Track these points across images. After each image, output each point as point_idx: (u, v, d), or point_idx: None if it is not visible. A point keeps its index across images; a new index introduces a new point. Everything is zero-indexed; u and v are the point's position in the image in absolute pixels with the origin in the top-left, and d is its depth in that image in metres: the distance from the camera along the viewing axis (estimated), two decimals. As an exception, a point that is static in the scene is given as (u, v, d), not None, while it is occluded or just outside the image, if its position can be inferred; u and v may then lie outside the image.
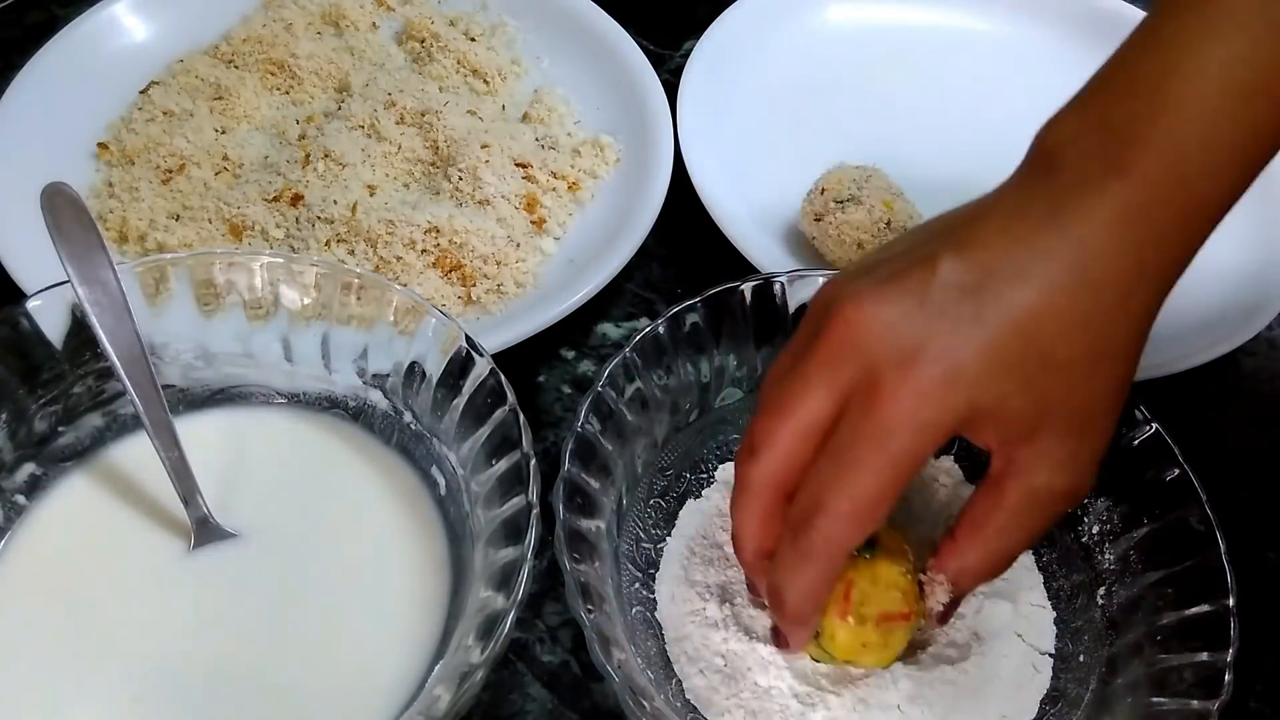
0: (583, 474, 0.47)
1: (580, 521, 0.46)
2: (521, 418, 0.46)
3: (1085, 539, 0.51)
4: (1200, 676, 0.43)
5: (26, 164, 0.63)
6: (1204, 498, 0.47)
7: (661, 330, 0.51)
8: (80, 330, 0.48)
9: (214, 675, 0.45)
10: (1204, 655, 0.44)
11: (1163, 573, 0.47)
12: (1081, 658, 0.49)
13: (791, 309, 0.52)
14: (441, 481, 0.50)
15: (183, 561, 0.48)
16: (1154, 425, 0.49)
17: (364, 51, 0.73)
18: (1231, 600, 0.44)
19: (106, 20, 0.71)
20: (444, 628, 0.47)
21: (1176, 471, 0.48)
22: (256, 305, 0.51)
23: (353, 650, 0.46)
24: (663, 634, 0.49)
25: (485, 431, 0.47)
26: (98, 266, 0.46)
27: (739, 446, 0.44)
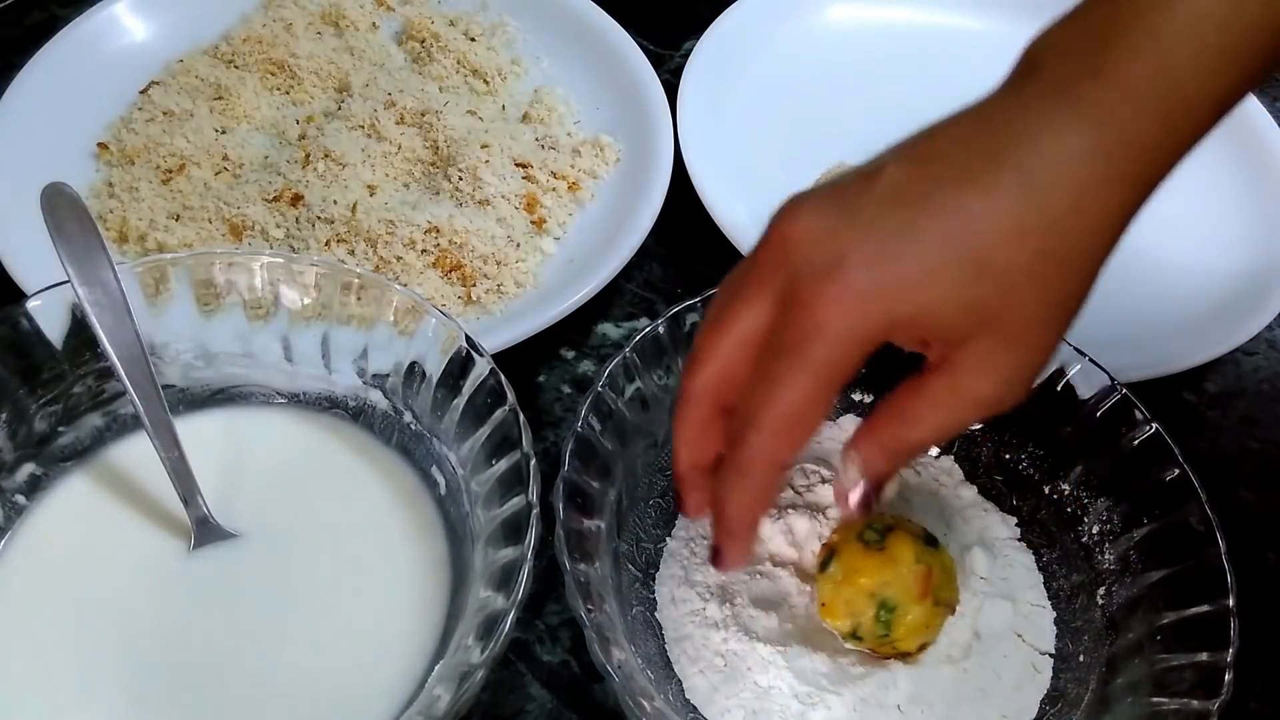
0: (583, 474, 0.47)
1: (580, 521, 0.46)
2: (521, 418, 0.46)
3: (1085, 539, 0.51)
4: (1200, 676, 0.43)
5: (26, 164, 0.63)
6: (1204, 498, 0.47)
7: (661, 330, 0.51)
8: (80, 330, 0.48)
9: (214, 675, 0.45)
10: (1204, 655, 0.44)
11: (1163, 573, 0.47)
12: (1081, 658, 0.49)
13: (791, 309, 0.52)
14: (441, 481, 0.50)
15: (183, 561, 0.48)
16: (1154, 425, 0.49)
17: (364, 51, 0.73)
18: (1231, 600, 0.44)
19: (106, 20, 0.71)
20: (444, 628, 0.47)
21: (1176, 471, 0.48)
22: (256, 305, 0.51)
23: (353, 650, 0.46)
24: (663, 634, 0.49)
25: (485, 431, 0.47)
26: (98, 266, 0.46)
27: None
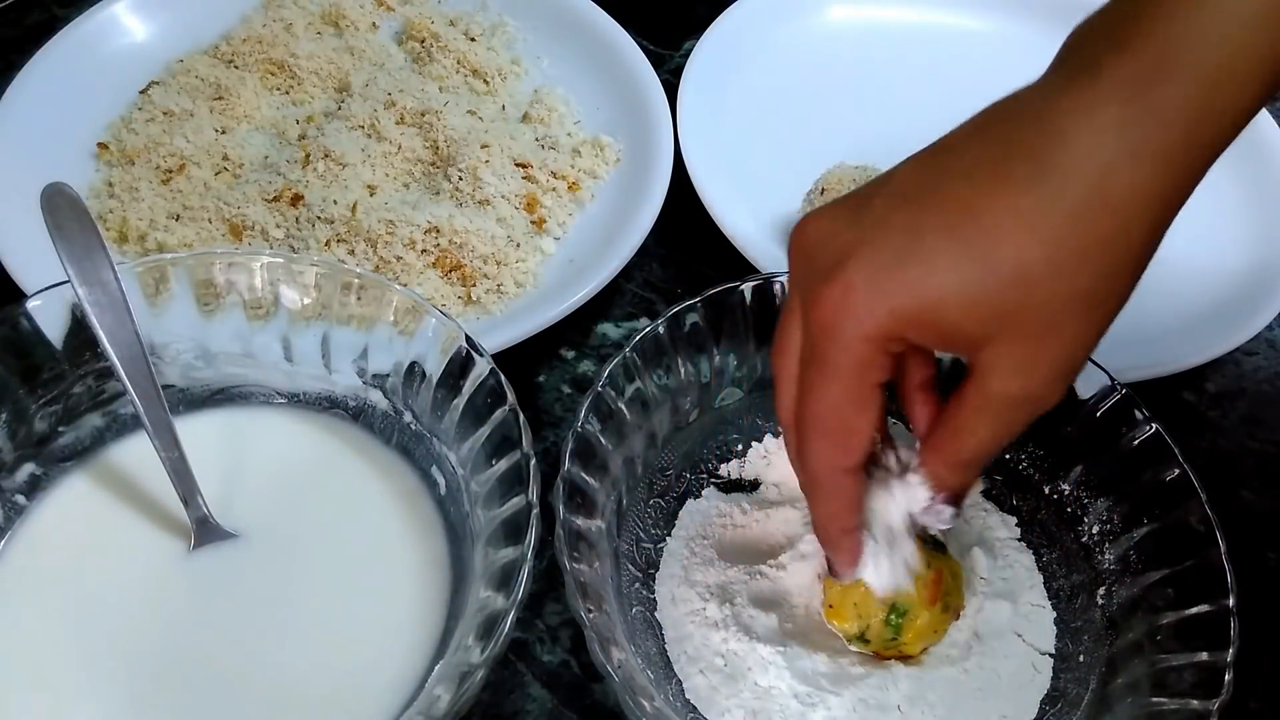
0: (583, 474, 0.47)
1: (580, 521, 0.46)
2: (521, 418, 0.46)
3: (1085, 539, 0.51)
4: (1200, 676, 0.43)
5: (26, 164, 0.63)
6: (1204, 498, 0.47)
7: (661, 330, 0.51)
8: (80, 330, 0.48)
9: (214, 675, 0.45)
10: (1204, 655, 0.44)
11: (1163, 573, 0.47)
12: (1081, 658, 0.49)
13: (791, 309, 0.52)
14: (441, 481, 0.50)
15: (183, 561, 0.48)
16: (1154, 425, 0.49)
17: (364, 51, 0.73)
18: (1231, 600, 0.44)
19: (106, 20, 0.71)
20: (444, 628, 0.47)
21: (1176, 471, 0.48)
22: (256, 305, 0.51)
23: (353, 650, 0.46)
24: (663, 634, 0.49)
25: (485, 431, 0.47)
26: (98, 266, 0.46)
27: None
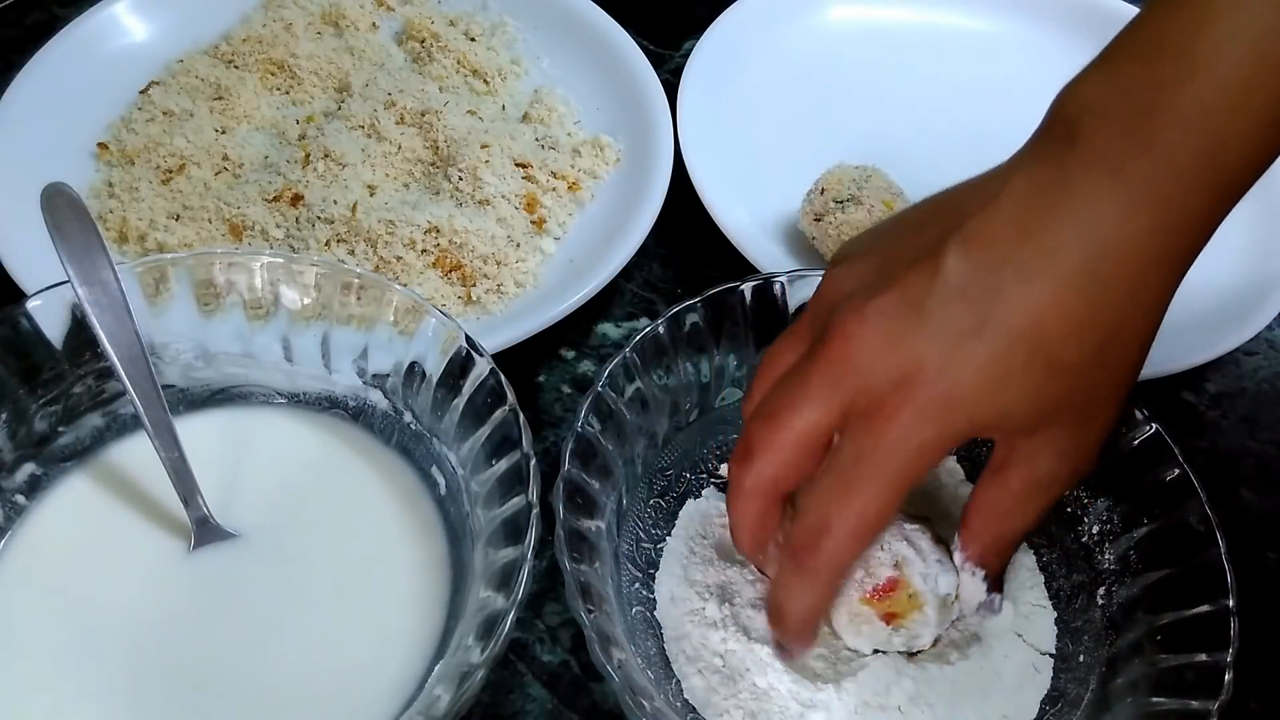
0: (583, 474, 0.47)
1: (580, 521, 0.46)
2: (521, 418, 0.46)
3: (1085, 539, 0.51)
4: (1200, 676, 0.43)
5: (26, 164, 0.63)
6: (1204, 498, 0.47)
7: (661, 330, 0.51)
8: (80, 330, 0.48)
9: (214, 675, 0.45)
10: (1204, 655, 0.44)
11: (1163, 573, 0.47)
12: (1081, 658, 0.49)
13: (791, 309, 0.52)
14: (441, 481, 0.50)
15: (183, 561, 0.48)
16: (1154, 425, 0.49)
17: (364, 51, 0.73)
18: (1231, 600, 0.44)
19: (106, 20, 0.71)
20: (444, 628, 0.47)
21: (1176, 471, 0.48)
22: (256, 305, 0.51)
23: (353, 650, 0.46)
24: (662, 634, 0.49)
25: (485, 431, 0.47)
26: (98, 266, 0.46)
27: (735, 446, 0.44)
